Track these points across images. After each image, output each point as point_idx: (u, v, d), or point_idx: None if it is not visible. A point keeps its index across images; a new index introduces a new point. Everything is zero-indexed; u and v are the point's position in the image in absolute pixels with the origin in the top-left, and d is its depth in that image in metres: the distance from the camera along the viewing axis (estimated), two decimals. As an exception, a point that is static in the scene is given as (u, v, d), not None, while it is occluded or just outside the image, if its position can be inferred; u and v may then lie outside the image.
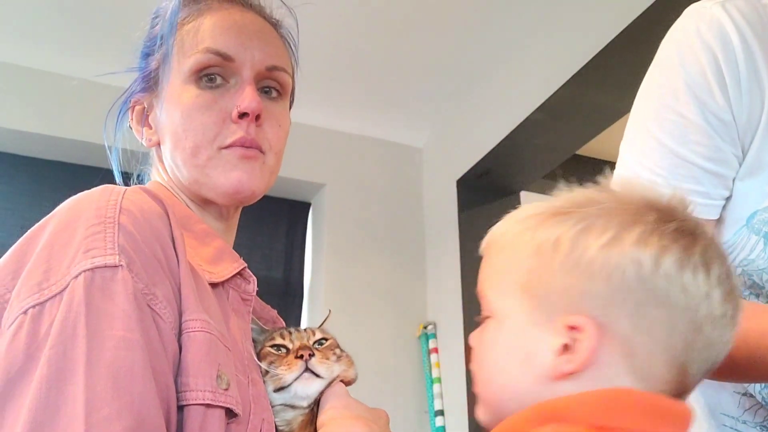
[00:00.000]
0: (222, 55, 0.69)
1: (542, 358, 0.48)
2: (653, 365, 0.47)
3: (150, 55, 0.74)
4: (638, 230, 0.48)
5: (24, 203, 2.33)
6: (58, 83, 2.38)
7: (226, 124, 0.68)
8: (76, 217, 0.52)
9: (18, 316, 0.47)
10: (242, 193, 0.69)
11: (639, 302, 0.47)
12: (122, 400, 0.44)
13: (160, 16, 0.75)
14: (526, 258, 0.51)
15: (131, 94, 0.76)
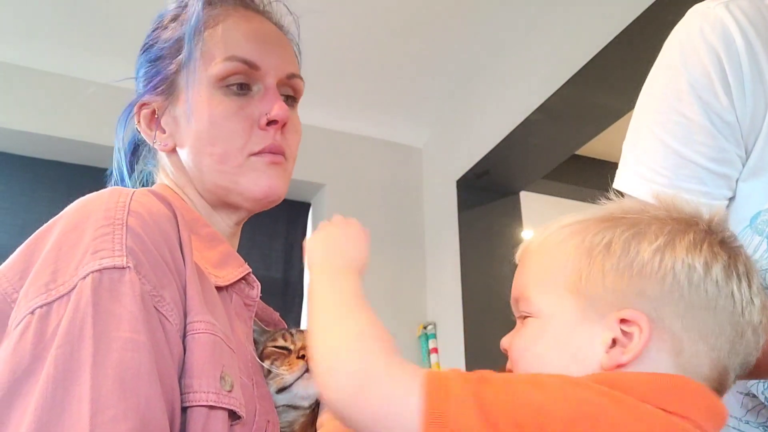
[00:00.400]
0: (248, 63, 0.70)
1: (593, 352, 0.51)
2: (699, 364, 0.50)
3: (162, 58, 0.73)
4: (690, 238, 0.52)
5: (22, 203, 2.33)
6: (58, 83, 2.38)
7: (254, 131, 0.70)
8: (85, 218, 0.53)
9: (25, 316, 0.47)
10: (271, 198, 0.71)
11: (690, 304, 0.50)
12: (128, 401, 0.44)
13: (170, 18, 0.74)
14: (576, 260, 0.54)
15: (139, 96, 0.75)
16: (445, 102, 2.69)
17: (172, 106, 0.73)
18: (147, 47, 0.76)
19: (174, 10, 0.75)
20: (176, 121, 0.72)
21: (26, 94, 2.35)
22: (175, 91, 0.72)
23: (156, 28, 0.75)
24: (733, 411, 0.77)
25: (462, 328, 2.38)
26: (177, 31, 0.72)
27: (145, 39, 0.77)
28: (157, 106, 0.74)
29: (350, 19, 2.21)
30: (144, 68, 0.75)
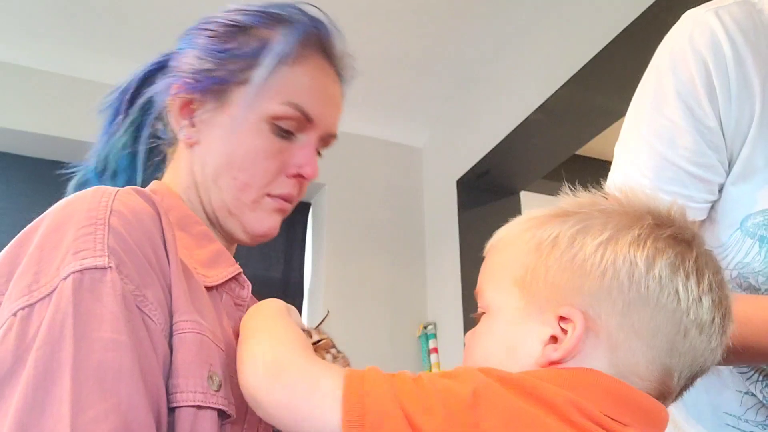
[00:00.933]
0: (305, 117, 0.70)
1: (530, 347, 0.50)
2: (635, 363, 0.49)
3: (230, 62, 0.70)
4: (635, 232, 0.50)
5: (21, 203, 2.33)
6: (57, 83, 2.39)
7: (281, 175, 0.71)
8: (67, 218, 0.52)
9: (8, 319, 0.47)
10: (265, 240, 0.73)
11: (628, 301, 0.49)
12: (109, 401, 0.44)
13: (254, 25, 0.71)
14: (525, 254, 0.53)
15: (182, 78, 0.71)
16: (445, 102, 2.69)
17: (215, 112, 0.71)
18: (214, 35, 0.72)
19: (258, 19, 0.72)
20: (211, 128, 0.71)
21: (26, 94, 2.35)
22: (226, 101, 0.70)
23: (231, 23, 0.72)
24: (733, 409, 0.77)
25: (462, 328, 2.38)
26: (259, 46, 0.70)
27: (212, 22, 0.72)
28: (198, 100, 0.71)
29: (350, 19, 2.20)
30: (202, 56, 0.71)
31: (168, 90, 0.73)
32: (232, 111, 0.70)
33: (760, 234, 0.68)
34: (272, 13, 0.72)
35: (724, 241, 0.72)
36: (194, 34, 0.74)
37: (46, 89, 2.37)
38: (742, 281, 0.71)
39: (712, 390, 0.79)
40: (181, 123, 0.72)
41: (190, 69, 0.71)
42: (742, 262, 0.70)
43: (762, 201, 0.68)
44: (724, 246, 0.72)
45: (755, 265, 0.69)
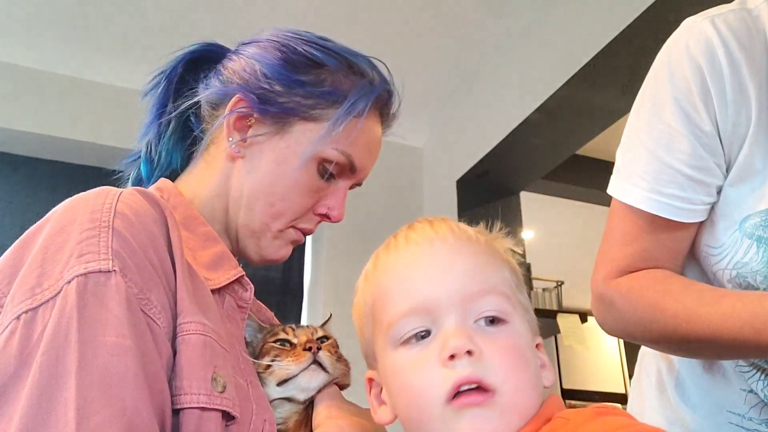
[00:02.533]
0: (352, 167, 0.74)
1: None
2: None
3: (297, 95, 0.71)
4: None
5: (21, 203, 2.34)
6: (57, 83, 2.38)
7: (309, 212, 0.75)
8: (71, 220, 0.52)
9: (11, 322, 0.46)
10: (274, 264, 0.77)
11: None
12: (114, 406, 0.44)
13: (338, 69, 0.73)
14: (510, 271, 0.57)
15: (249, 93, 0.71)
16: (445, 102, 2.69)
17: (271, 137, 0.71)
18: (291, 65, 0.72)
19: (338, 63, 0.73)
20: (261, 151, 0.72)
21: (26, 94, 2.35)
22: (286, 130, 0.71)
23: (311, 57, 0.72)
24: (736, 408, 0.78)
25: (462, 328, 2.38)
26: (331, 89, 0.72)
27: (288, 45, 0.73)
28: (257, 119, 0.72)
29: (350, 19, 2.20)
30: (274, 78, 0.71)
31: (229, 96, 0.72)
32: (288, 142, 0.71)
33: (758, 234, 0.69)
34: (350, 61, 0.74)
35: (723, 241, 0.73)
36: (262, 47, 0.74)
37: (46, 89, 2.37)
38: (741, 281, 0.72)
39: (717, 389, 0.79)
40: (234, 135, 0.72)
41: (256, 86, 0.71)
42: (740, 262, 0.71)
43: (760, 202, 0.69)
44: (722, 246, 0.73)
45: (754, 265, 0.70)
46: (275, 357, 0.67)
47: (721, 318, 0.64)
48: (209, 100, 0.74)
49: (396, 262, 0.56)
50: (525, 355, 0.51)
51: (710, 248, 0.74)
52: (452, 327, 0.50)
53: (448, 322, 0.51)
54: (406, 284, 0.54)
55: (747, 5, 0.72)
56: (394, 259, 0.56)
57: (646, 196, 0.73)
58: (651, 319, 0.70)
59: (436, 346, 0.50)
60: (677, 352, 0.80)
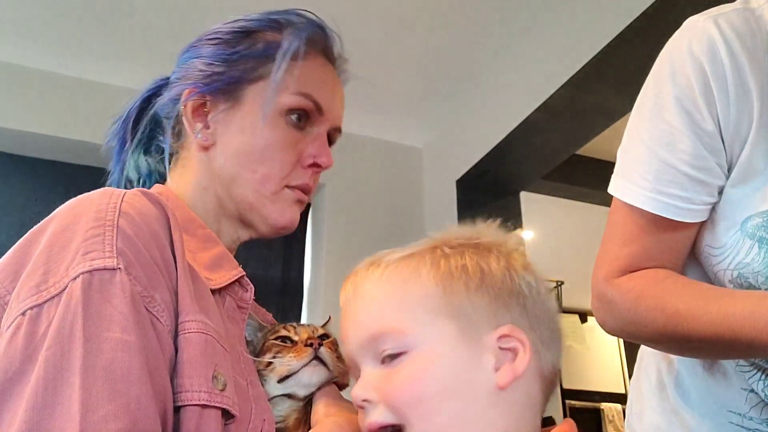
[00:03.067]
0: (317, 106, 0.75)
1: (482, 377, 0.51)
2: (547, 368, 0.55)
3: (242, 63, 0.73)
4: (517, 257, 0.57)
5: (21, 203, 2.34)
6: (57, 83, 2.39)
7: (297, 166, 0.74)
8: (76, 219, 0.53)
9: (17, 318, 0.47)
10: (288, 230, 0.76)
11: (534, 316, 0.55)
12: (118, 401, 0.44)
13: (259, 29, 0.75)
14: (438, 286, 0.54)
15: (194, 84, 0.74)
16: (445, 102, 2.69)
17: (229, 111, 0.73)
18: (219, 42, 0.75)
19: (261, 25, 0.76)
20: (226, 126, 0.73)
21: (26, 94, 2.35)
22: (239, 99, 0.73)
23: (235, 31, 0.75)
24: (737, 407, 0.78)
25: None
26: (264, 48, 0.74)
27: (216, 33, 0.76)
28: (211, 102, 0.74)
29: (350, 19, 2.21)
30: (210, 60, 0.74)
31: (178, 96, 0.75)
32: (247, 108, 0.73)
33: (760, 235, 0.69)
34: (276, 18, 0.76)
35: (725, 242, 0.73)
36: (198, 46, 0.77)
37: (46, 89, 2.37)
38: (742, 281, 0.72)
39: (717, 388, 0.80)
40: (195, 126, 0.74)
41: (199, 75, 0.74)
42: (742, 263, 0.71)
43: (762, 203, 0.69)
44: (724, 247, 0.73)
45: (755, 266, 0.70)
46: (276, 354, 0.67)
47: (722, 317, 0.64)
48: (165, 114, 0.77)
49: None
50: (432, 377, 0.51)
51: (711, 249, 0.74)
52: (362, 376, 0.54)
53: (365, 371, 0.55)
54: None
55: (750, 4, 0.71)
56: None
57: (648, 196, 0.73)
58: (651, 318, 0.70)
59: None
60: (678, 352, 0.80)
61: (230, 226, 0.75)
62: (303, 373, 0.66)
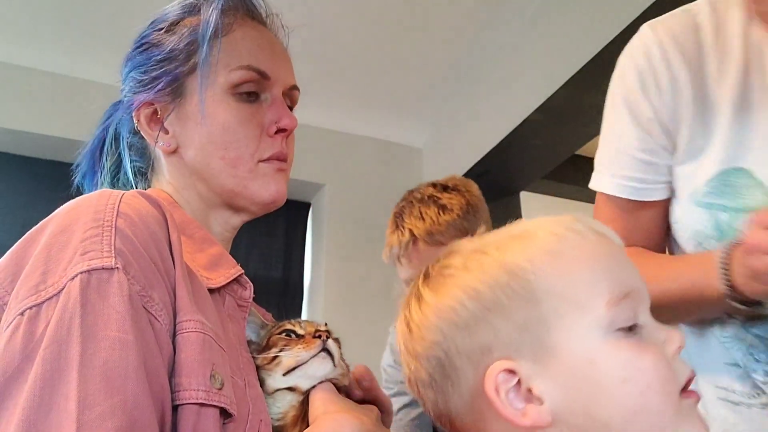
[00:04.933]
0: (261, 74, 0.73)
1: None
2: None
3: (171, 59, 0.73)
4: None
5: (22, 203, 2.34)
6: (57, 83, 2.39)
7: (263, 137, 0.73)
8: (75, 220, 0.53)
9: (15, 318, 0.47)
10: (277, 203, 0.75)
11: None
12: (115, 399, 0.45)
13: (175, 21, 0.75)
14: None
15: (136, 95, 0.74)
16: (445, 102, 2.69)
17: (180, 108, 0.73)
18: (148, 47, 0.75)
19: (180, 14, 0.75)
20: (183, 123, 0.73)
21: (26, 94, 2.35)
22: (184, 93, 0.73)
23: (159, 29, 0.75)
24: (722, 382, 0.80)
25: (462, 328, 2.38)
26: (189, 34, 0.73)
27: (142, 39, 0.76)
28: (160, 106, 0.74)
29: (350, 19, 2.21)
30: (144, 68, 0.74)
31: (128, 111, 0.75)
32: (193, 99, 0.72)
33: (706, 201, 0.78)
34: (189, 3, 0.75)
35: (681, 215, 0.81)
36: (131, 58, 0.77)
37: (46, 89, 2.37)
38: (701, 250, 0.79)
39: (702, 364, 0.82)
40: (154, 134, 0.74)
41: (136, 84, 0.75)
42: (697, 231, 0.79)
43: (706, 173, 0.78)
44: (682, 220, 0.81)
45: (707, 231, 0.78)
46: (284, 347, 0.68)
47: (671, 281, 0.74)
48: (127, 133, 0.78)
49: (592, 249, 0.52)
50: None
51: (675, 224, 0.83)
52: (653, 321, 0.51)
53: (645, 315, 0.51)
54: (616, 271, 0.52)
55: (691, 9, 0.83)
56: (588, 246, 0.52)
57: (609, 181, 0.84)
58: None
59: (659, 337, 0.50)
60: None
61: (219, 217, 0.75)
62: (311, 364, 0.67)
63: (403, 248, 1.02)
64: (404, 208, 1.11)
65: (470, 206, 1.08)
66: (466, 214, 1.06)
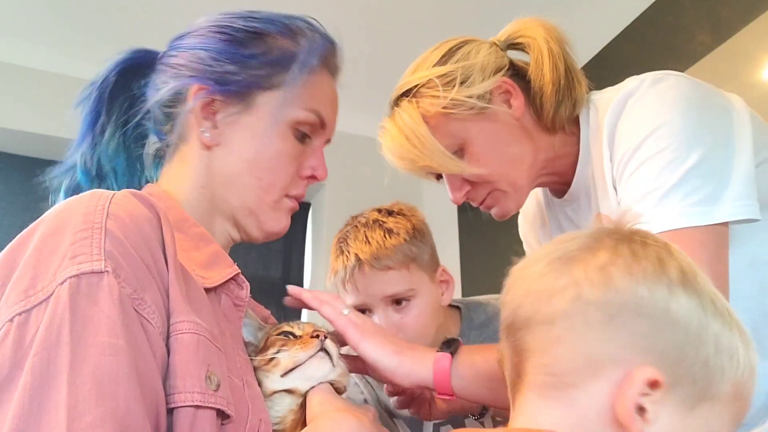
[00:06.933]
0: (322, 123, 0.77)
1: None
2: None
3: (250, 67, 0.72)
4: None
5: (21, 203, 2.34)
6: (57, 83, 2.39)
7: (296, 177, 0.77)
8: (64, 222, 0.52)
9: (4, 324, 0.46)
10: (278, 237, 0.78)
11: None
12: (106, 406, 0.44)
13: (279, 33, 0.74)
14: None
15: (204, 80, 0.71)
16: (445, 102, 2.68)
17: (240, 114, 0.73)
18: (230, 40, 0.73)
19: (274, 29, 0.74)
20: (236, 130, 0.73)
21: (26, 94, 2.35)
22: (252, 105, 0.73)
23: (247, 29, 0.73)
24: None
25: (462, 328, 2.38)
26: (279, 55, 0.73)
27: (225, 26, 0.74)
28: (221, 103, 0.72)
29: (349, 19, 2.21)
30: (220, 57, 0.72)
31: (183, 89, 0.72)
32: (258, 114, 0.73)
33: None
34: (288, 24, 0.76)
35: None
36: (203, 35, 0.74)
37: (46, 89, 2.37)
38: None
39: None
40: (203, 124, 0.73)
41: (209, 70, 0.72)
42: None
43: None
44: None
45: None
46: (281, 348, 0.67)
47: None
48: (161, 101, 0.74)
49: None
50: None
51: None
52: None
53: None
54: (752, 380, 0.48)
55: (592, 96, 0.94)
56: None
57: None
58: None
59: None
60: None
61: (222, 225, 0.75)
62: (309, 365, 0.66)
63: (348, 273, 1.01)
64: (348, 233, 1.10)
65: (416, 230, 1.07)
66: (412, 238, 1.05)
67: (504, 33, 0.99)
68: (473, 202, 0.98)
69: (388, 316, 1.02)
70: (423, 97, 0.93)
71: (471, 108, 0.90)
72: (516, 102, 0.92)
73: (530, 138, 0.93)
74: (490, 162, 0.91)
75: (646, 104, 0.80)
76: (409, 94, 0.95)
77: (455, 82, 0.91)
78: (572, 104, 0.93)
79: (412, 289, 1.02)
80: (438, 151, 0.90)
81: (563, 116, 0.92)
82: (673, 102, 0.78)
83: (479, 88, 0.90)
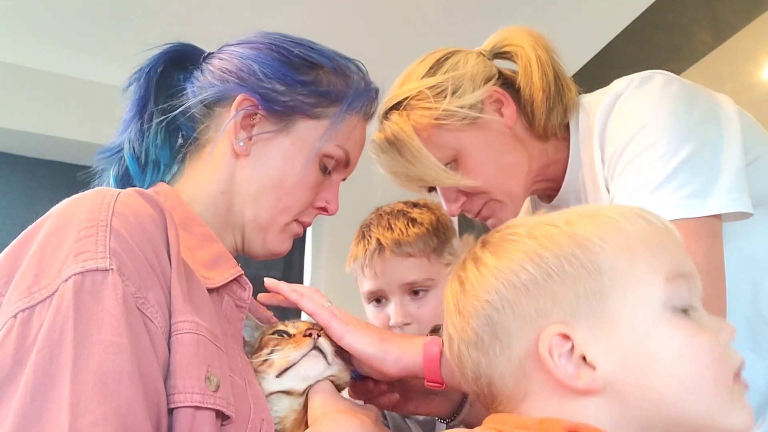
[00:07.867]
0: (347, 162, 0.81)
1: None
2: None
3: (298, 93, 0.75)
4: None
5: (21, 203, 2.34)
6: (58, 83, 2.39)
7: (309, 206, 0.79)
8: (69, 219, 0.52)
9: (8, 321, 0.46)
10: (277, 258, 0.80)
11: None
12: (108, 404, 0.44)
13: (334, 70, 0.78)
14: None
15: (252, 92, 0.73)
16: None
17: (277, 134, 0.75)
18: (285, 61, 0.75)
19: (328, 63, 0.78)
20: (267, 146, 0.75)
21: (26, 94, 2.35)
22: (290, 128, 0.75)
23: (302, 56, 0.76)
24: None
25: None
26: (326, 86, 0.77)
27: (281, 47, 0.76)
28: (262, 117, 0.75)
29: (349, 18, 2.21)
30: (273, 74, 0.74)
31: (231, 95, 0.74)
32: (294, 138, 0.75)
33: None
34: (341, 63, 0.80)
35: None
36: (259, 48, 0.76)
37: (46, 89, 2.37)
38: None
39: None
40: (239, 133, 0.74)
41: (258, 85, 0.74)
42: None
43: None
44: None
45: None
46: (275, 347, 0.66)
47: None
48: (204, 100, 0.75)
49: (656, 232, 0.53)
50: None
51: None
52: (704, 311, 0.51)
53: (698, 302, 0.51)
54: (675, 255, 0.52)
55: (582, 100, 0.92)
56: (653, 229, 0.53)
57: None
58: None
59: (712, 325, 0.50)
60: None
61: (231, 235, 0.76)
62: (302, 364, 0.65)
63: (368, 257, 1.01)
64: (372, 220, 1.11)
65: (440, 223, 1.08)
66: (435, 230, 1.05)
67: (489, 43, 0.99)
68: (469, 214, 0.97)
69: (404, 304, 1.01)
70: (414, 109, 0.92)
71: (463, 118, 0.89)
72: (508, 110, 0.92)
73: (523, 146, 0.93)
74: (484, 172, 0.91)
75: (634, 103, 0.81)
76: (399, 107, 0.94)
77: (446, 93, 0.91)
78: (563, 110, 0.93)
79: (431, 279, 1.02)
80: (432, 163, 0.90)
81: (555, 123, 0.93)
82: (661, 100, 0.78)
83: (471, 97, 0.90)
